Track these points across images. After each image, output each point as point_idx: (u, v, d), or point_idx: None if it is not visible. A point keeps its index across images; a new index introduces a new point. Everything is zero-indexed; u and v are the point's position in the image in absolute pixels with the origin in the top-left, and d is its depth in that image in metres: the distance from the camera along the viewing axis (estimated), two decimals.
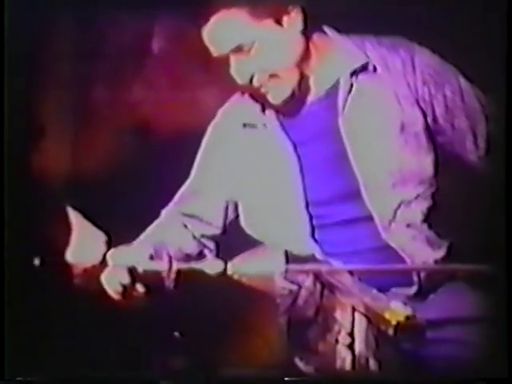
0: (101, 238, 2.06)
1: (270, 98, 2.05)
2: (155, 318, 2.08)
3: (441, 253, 2.02)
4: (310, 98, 2.07)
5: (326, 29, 2.06)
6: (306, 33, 2.03)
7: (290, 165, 2.07)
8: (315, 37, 2.05)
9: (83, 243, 2.06)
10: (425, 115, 2.02)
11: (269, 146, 2.09)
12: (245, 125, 2.12)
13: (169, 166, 2.09)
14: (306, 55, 2.04)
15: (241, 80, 2.03)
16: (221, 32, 2.01)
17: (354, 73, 2.03)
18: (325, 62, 2.05)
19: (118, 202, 2.09)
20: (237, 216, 2.15)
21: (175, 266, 2.00)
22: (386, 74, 2.03)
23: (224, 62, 2.03)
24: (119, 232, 2.07)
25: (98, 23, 2.11)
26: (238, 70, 2.02)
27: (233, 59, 2.02)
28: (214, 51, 2.03)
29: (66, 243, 2.06)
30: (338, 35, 2.06)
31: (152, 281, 2.02)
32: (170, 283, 1.99)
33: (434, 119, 2.03)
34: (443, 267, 2.00)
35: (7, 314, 2.09)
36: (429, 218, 2.02)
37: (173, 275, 1.99)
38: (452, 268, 1.99)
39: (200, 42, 2.03)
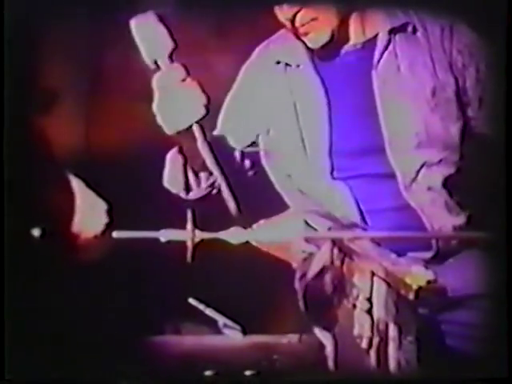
0: (102, 207, 1.96)
1: (308, 40, 2.00)
2: (170, 287, 2.06)
3: (460, 220, 1.99)
4: (347, 47, 2.04)
5: None
6: None
7: (319, 109, 2.02)
8: None
9: (85, 212, 1.96)
10: (457, 83, 2.01)
11: (299, 87, 2.05)
12: (278, 62, 2.08)
13: None
14: (350, 3, 2.01)
15: (283, 16, 1.97)
16: None
17: (393, 30, 2.02)
18: (367, 14, 2.03)
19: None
20: None
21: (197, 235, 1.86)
22: (423, 37, 2.02)
23: None
24: (123, 201, 1.99)
25: None
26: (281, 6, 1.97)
27: None
28: None
29: (70, 213, 1.96)
30: None
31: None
32: (190, 254, 1.84)
33: (464, 90, 2.02)
34: (459, 234, 1.98)
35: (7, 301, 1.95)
36: (449, 185, 2.00)
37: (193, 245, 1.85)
38: (468, 236, 1.97)
39: None
